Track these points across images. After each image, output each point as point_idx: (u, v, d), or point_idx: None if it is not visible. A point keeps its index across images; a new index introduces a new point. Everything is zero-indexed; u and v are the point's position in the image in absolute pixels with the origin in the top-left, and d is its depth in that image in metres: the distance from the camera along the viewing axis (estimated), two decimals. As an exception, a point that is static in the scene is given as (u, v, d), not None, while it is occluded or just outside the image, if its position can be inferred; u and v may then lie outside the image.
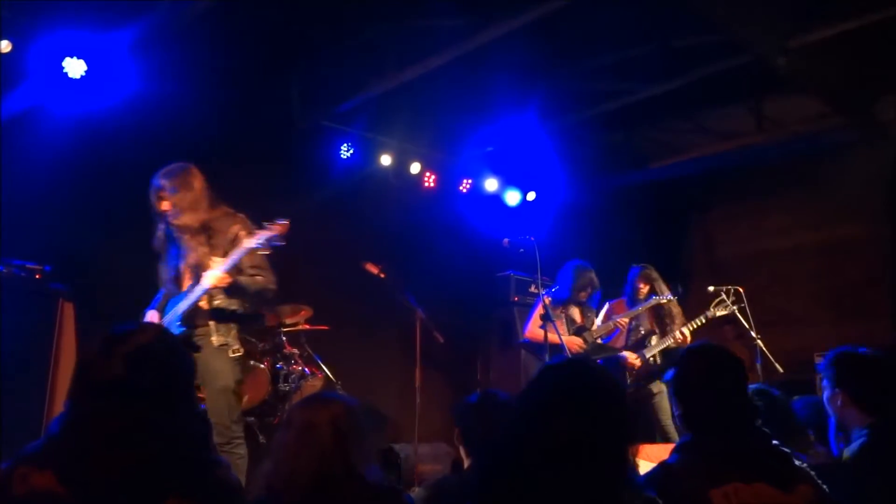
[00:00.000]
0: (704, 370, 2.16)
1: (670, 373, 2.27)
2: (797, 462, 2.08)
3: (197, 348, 3.58)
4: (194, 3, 4.60)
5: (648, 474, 2.08)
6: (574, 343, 5.21)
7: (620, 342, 5.52)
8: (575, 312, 5.49)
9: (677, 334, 5.31)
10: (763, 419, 2.18)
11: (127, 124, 5.18)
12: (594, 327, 5.46)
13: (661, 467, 2.08)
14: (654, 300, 5.37)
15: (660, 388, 5.30)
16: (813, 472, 2.08)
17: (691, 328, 5.31)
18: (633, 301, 5.51)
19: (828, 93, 5.97)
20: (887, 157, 6.31)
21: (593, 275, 5.44)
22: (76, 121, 4.90)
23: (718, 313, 5.25)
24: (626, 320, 5.39)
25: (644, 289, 5.45)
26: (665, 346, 5.36)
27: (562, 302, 5.39)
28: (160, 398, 1.77)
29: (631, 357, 5.32)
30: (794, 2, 5.17)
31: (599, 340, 5.42)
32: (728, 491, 1.94)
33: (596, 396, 1.69)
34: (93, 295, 4.78)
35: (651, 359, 5.36)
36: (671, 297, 5.38)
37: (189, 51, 5.15)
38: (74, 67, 4.78)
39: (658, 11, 5.10)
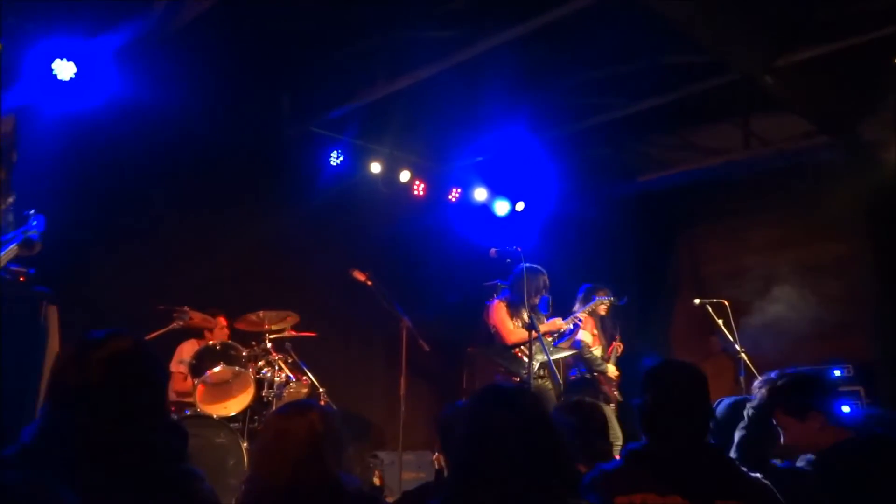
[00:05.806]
0: (670, 383, 2.20)
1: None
2: (753, 475, 2.11)
3: None
4: (185, 10, 4.61)
5: (588, 476, 2.12)
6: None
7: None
8: (525, 316, 5.34)
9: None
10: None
11: (116, 128, 5.17)
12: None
13: (598, 470, 2.13)
14: (597, 301, 5.58)
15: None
16: (769, 484, 2.11)
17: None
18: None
19: (813, 112, 6.04)
20: (870, 177, 6.36)
21: (545, 278, 5.41)
22: (65, 124, 4.88)
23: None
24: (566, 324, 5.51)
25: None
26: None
27: (515, 306, 5.33)
28: (134, 406, 1.71)
29: (611, 370, 5.41)
30: (780, 22, 5.25)
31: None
32: (634, 500, 1.98)
33: (532, 424, 1.81)
34: (77, 298, 4.76)
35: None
36: (612, 297, 5.60)
37: (179, 56, 5.15)
38: (64, 70, 4.77)
39: (648, 30, 5.15)
